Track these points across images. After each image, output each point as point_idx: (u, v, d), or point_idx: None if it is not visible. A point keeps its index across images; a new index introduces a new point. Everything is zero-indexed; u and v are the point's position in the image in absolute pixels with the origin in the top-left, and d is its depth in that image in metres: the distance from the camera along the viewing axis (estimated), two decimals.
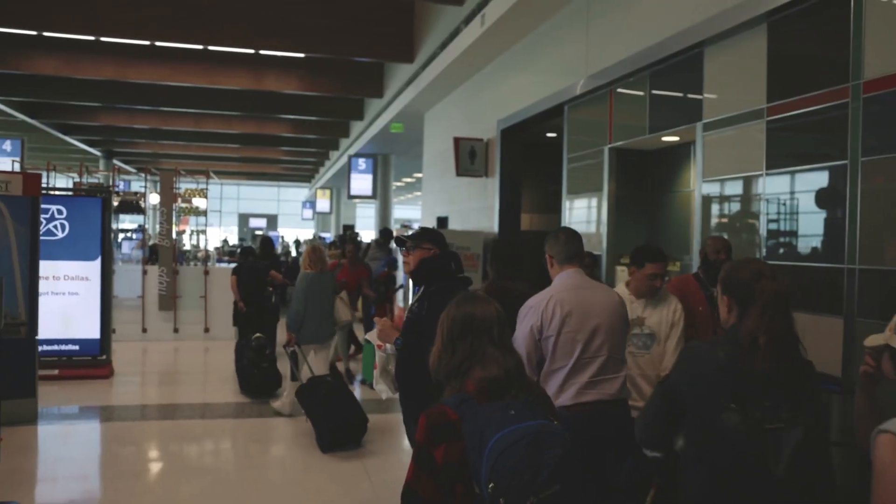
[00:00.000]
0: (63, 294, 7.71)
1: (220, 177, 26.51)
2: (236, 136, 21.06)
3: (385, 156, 17.77)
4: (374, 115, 14.66)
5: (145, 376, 8.69)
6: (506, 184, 8.35)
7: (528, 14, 6.91)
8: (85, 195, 8.52)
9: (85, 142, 22.33)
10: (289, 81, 13.38)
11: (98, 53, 12.47)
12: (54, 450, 5.71)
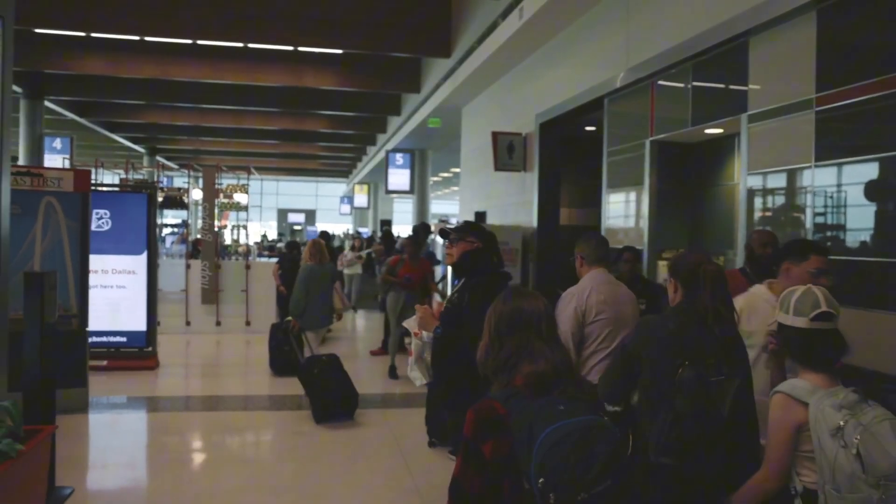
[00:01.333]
0: (111, 287, 7.91)
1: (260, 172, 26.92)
2: (275, 132, 21.35)
3: (422, 151, 17.81)
4: (412, 111, 14.70)
5: (189, 368, 8.87)
6: (544, 178, 8.30)
7: (566, 7, 6.85)
8: (131, 191, 8.73)
9: (130, 139, 22.87)
10: (327, 77, 13.51)
11: (142, 53, 12.77)
12: (104, 438, 5.88)
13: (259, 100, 15.88)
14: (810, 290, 2.18)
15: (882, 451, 1.84)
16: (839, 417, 1.92)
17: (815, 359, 2.15)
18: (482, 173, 10.68)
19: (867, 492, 1.84)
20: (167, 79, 13.96)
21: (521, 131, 8.88)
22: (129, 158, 14.34)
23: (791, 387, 2.13)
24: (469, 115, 12.08)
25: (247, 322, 10.40)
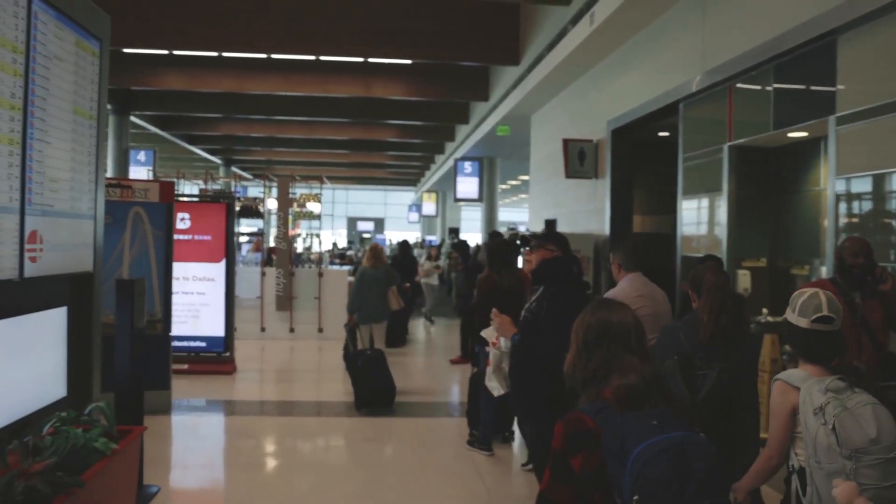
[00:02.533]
0: (192, 294, 8.21)
1: (331, 181, 27.47)
2: (345, 141, 21.74)
3: (491, 159, 17.79)
4: (480, 119, 14.71)
5: (264, 373, 9.11)
6: (617, 185, 8.15)
7: (639, 10, 6.73)
8: (210, 201, 9.05)
9: (207, 151, 23.73)
10: (396, 87, 13.68)
11: (220, 68, 13.24)
12: (185, 439, 6.10)
13: (330, 110, 16.21)
14: (816, 294, 2.41)
15: (857, 427, 2.10)
16: (823, 399, 2.18)
17: (812, 354, 2.39)
18: (552, 181, 10.58)
19: (842, 462, 2.11)
20: (243, 92, 14.44)
21: (593, 138, 8.76)
22: (207, 169, 14.88)
23: (787, 375, 2.41)
24: (538, 123, 12.01)
25: (319, 329, 10.60)
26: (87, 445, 2.78)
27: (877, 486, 2.05)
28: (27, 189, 3.02)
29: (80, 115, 3.53)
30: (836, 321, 2.37)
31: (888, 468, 2.07)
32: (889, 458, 2.07)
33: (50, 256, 3.26)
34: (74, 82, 3.46)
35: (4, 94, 2.82)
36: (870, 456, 2.07)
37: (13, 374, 3.06)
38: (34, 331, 3.26)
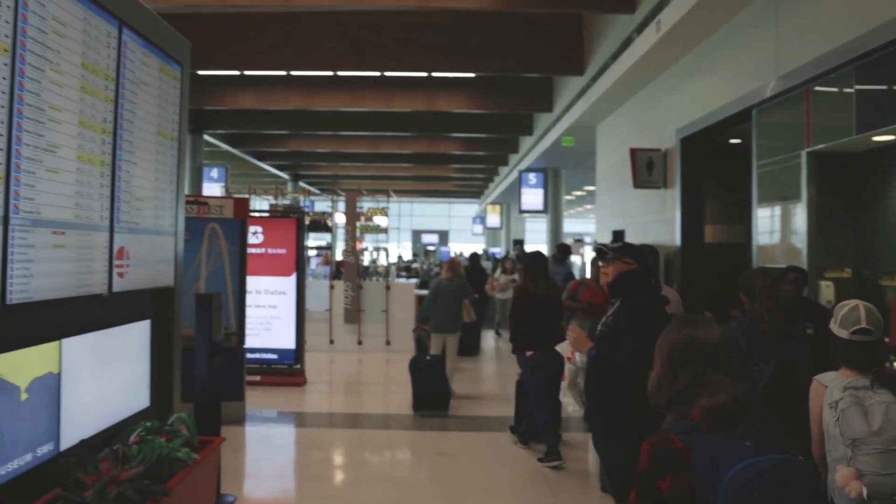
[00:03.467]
0: (264, 307, 8.43)
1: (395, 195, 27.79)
2: (409, 155, 21.99)
3: (555, 170, 17.66)
4: (544, 130, 14.64)
5: (333, 385, 9.25)
6: (687, 194, 7.95)
7: (707, 16, 6.57)
8: (281, 216, 9.29)
9: (276, 166, 24.38)
10: (459, 101, 13.77)
11: (288, 86, 13.62)
12: (259, 450, 6.24)
13: (394, 125, 16.44)
14: (857, 307, 2.56)
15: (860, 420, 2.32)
16: (839, 395, 2.42)
17: (852, 363, 2.57)
18: (619, 191, 10.41)
19: (843, 450, 2.36)
20: (310, 109, 14.80)
21: (661, 147, 8.58)
22: (277, 185, 15.30)
23: (822, 376, 2.66)
24: (604, 133, 11.85)
25: (387, 341, 10.71)
26: (170, 455, 2.89)
27: (875, 473, 2.27)
28: (116, 208, 3.17)
29: (163, 137, 3.69)
30: (874, 332, 2.54)
31: (888, 458, 2.28)
32: (890, 449, 2.28)
33: (135, 272, 3.41)
34: (158, 105, 3.62)
35: (97, 119, 2.97)
36: (868, 446, 2.29)
37: (103, 384, 3.20)
38: (121, 343, 3.41)
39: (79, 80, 2.84)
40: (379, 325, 10.73)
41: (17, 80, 2.42)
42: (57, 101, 2.68)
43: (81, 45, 2.85)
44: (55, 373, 2.80)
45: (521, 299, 5.73)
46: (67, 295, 2.82)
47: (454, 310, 7.98)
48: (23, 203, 2.48)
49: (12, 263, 2.43)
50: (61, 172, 2.73)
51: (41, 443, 2.70)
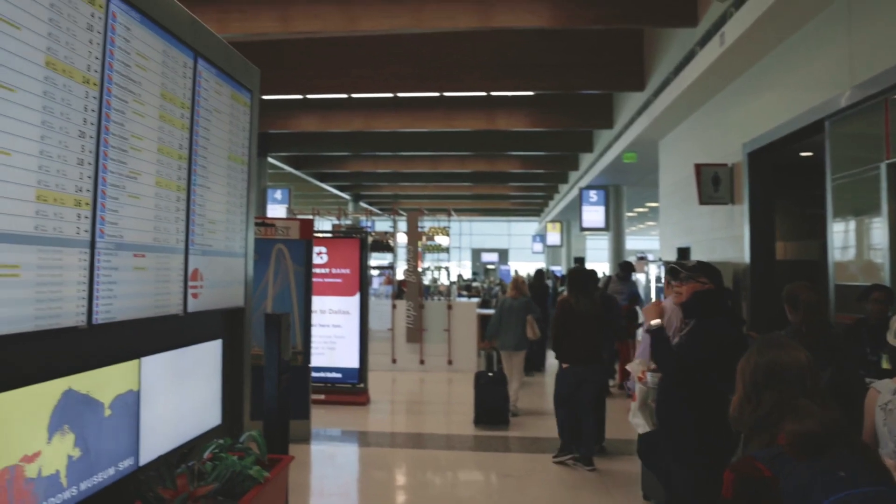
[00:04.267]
0: (328, 326, 8.56)
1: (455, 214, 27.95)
2: (469, 174, 22.10)
3: (616, 187, 17.44)
4: (605, 147, 14.49)
5: (395, 405, 9.29)
6: (756, 210, 7.71)
7: (774, 27, 6.41)
8: (344, 236, 9.45)
9: (337, 187, 24.87)
10: (519, 119, 13.78)
11: (349, 109, 13.92)
12: (324, 468, 6.31)
13: (454, 144, 16.57)
14: None
15: None
16: (890, 398, 2.61)
17: None
18: (683, 207, 10.20)
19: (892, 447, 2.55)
20: (371, 131, 15.08)
21: (727, 162, 8.38)
22: (339, 206, 15.61)
23: (878, 383, 2.80)
24: (666, 148, 11.65)
25: (449, 361, 10.71)
26: (242, 472, 2.95)
27: None
28: (191, 231, 3.28)
29: (234, 161, 3.82)
30: None
31: None
32: None
33: (208, 293, 3.52)
34: (230, 131, 3.74)
35: (174, 146, 3.10)
36: None
37: (178, 402, 3.30)
38: (194, 362, 3.51)
39: (158, 109, 2.97)
40: (441, 344, 10.75)
41: (104, 111, 2.55)
42: (139, 130, 2.81)
43: (161, 76, 2.98)
44: (135, 390, 2.90)
45: (562, 313, 6.09)
46: (146, 315, 2.93)
47: (519, 327, 8.09)
48: (107, 227, 2.60)
49: (98, 285, 2.54)
50: (142, 198, 2.85)
51: (122, 457, 2.79)
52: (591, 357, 6.02)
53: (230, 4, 8.54)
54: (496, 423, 7.50)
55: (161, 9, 2.99)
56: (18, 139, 2.12)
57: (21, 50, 2.13)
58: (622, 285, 9.95)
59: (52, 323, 2.31)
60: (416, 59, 10.85)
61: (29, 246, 2.18)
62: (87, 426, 2.54)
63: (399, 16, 8.57)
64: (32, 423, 2.24)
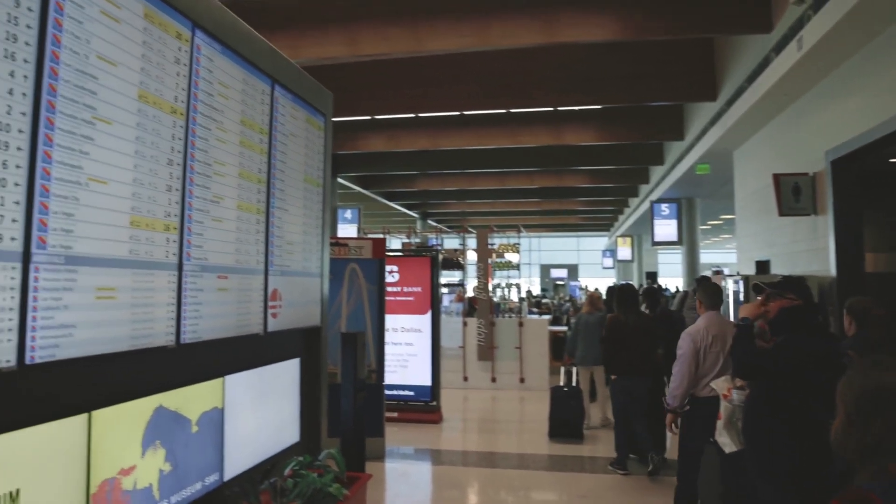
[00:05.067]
0: (400, 344, 8.63)
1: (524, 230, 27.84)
2: (536, 190, 21.98)
3: (689, 199, 17.00)
4: (676, 159, 14.17)
5: (467, 423, 9.25)
6: (842, 220, 7.36)
7: (856, 30, 6.13)
8: (414, 255, 9.53)
9: (405, 205, 25.17)
10: (586, 133, 13.64)
11: (416, 128, 14.10)
12: (398, 486, 6.33)
13: (521, 160, 16.53)
14: None
15: None
16: None
17: None
18: (761, 219, 9.84)
19: None
20: (437, 149, 15.22)
21: (808, 171, 8.05)
22: (409, 225, 15.79)
23: None
24: (742, 159, 11.29)
25: (521, 379, 10.62)
26: (322, 490, 2.99)
27: None
28: (270, 252, 3.38)
29: (309, 184, 3.92)
30: None
31: None
32: None
33: (287, 312, 3.61)
34: (305, 154, 3.85)
35: (253, 170, 3.21)
36: None
37: (259, 419, 3.38)
38: (274, 380, 3.60)
39: (239, 135, 3.08)
40: (512, 362, 10.67)
41: (189, 139, 2.67)
42: (221, 156, 2.92)
43: (241, 103, 3.10)
44: (219, 407, 2.99)
45: (612, 329, 6.52)
46: (229, 335, 3.03)
47: (596, 342, 8.04)
48: (193, 250, 2.71)
49: (185, 306, 2.65)
50: (224, 221, 2.96)
51: (208, 473, 2.88)
52: (638, 369, 6.40)
53: (300, 30, 8.81)
54: (570, 437, 7.60)
55: (241, 39, 3.11)
56: (114, 168, 2.24)
57: (117, 85, 2.26)
58: None
59: (145, 343, 2.42)
60: (481, 76, 10.92)
61: (124, 269, 2.29)
62: (177, 442, 2.64)
63: (465, 35, 8.65)
64: (128, 438, 2.35)
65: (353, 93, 11.08)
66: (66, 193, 2.03)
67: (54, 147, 1.98)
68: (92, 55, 2.14)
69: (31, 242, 1.90)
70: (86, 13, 2.12)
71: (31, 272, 1.90)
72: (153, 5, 2.46)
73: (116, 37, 2.25)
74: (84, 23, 2.11)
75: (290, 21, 8.75)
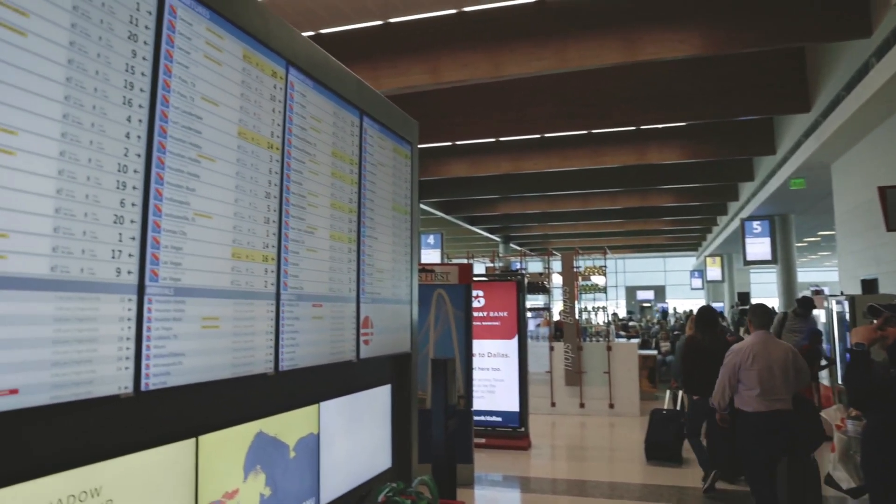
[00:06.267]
0: (487, 370, 8.58)
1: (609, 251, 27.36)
2: (620, 210, 21.61)
3: (783, 216, 16.27)
4: (767, 174, 13.63)
5: (556, 450, 9.06)
6: None
7: None
8: (499, 279, 9.49)
9: (487, 230, 25.22)
10: (671, 151, 13.34)
11: (497, 152, 14.16)
12: None
13: (604, 181, 16.31)
14: None
15: None
16: None
17: None
18: (866, 235, 9.30)
19: None
20: (519, 173, 15.21)
21: None
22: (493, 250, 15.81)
23: None
24: (841, 171, 10.74)
25: (610, 404, 10.35)
26: None
27: None
28: (361, 280, 3.44)
29: (398, 212, 3.98)
30: None
31: None
32: None
33: (378, 339, 3.66)
34: (393, 183, 3.92)
35: (344, 200, 3.29)
36: None
37: (352, 445, 3.43)
38: (367, 406, 3.64)
39: (330, 167, 3.17)
40: (601, 387, 10.42)
41: (285, 172, 2.76)
42: (314, 188, 3.01)
43: (332, 136, 3.20)
44: (315, 433, 3.05)
45: (689, 349, 6.63)
46: (324, 362, 3.09)
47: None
48: (290, 280, 2.79)
49: (283, 334, 2.72)
50: (318, 251, 3.04)
51: (305, 498, 2.93)
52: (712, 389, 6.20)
53: (382, 61, 9.05)
54: (667, 460, 7.47)
55: (331, 74, 3.21)
56: (218, 203, 2.34)
57: (219, 124, 2.37)
58: (800, 323, 9.15)
59: (246, 370, 2.50)
60: (561, 97, 10.87)
61: (226, 300, 2.38)
62: (276, 467, 2.70)
63: (544, 58, 8.65)
64: (232, 462, 2.42)
65: (433, 119, 11.25)
66: (175, 228, 2.13)
67: (165, 185, 2.09)
68: (197, 97, 2.26)
69: (145, 276, 2.00)
70: (191, 58, 2.24)
71: (146, 304, 2.00)
72: (251, 47, 2.58)
73: (218, 78, 2.37)
74: (190, 67, 2.23)
75: (371, 52, 9.01)
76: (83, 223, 1.79)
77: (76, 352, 1.77)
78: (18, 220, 1.61)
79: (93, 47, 1.85)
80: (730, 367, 4.82)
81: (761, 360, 4.67)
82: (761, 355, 4.69)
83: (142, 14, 2.03)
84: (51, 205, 1.70)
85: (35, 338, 1.65)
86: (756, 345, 4.77)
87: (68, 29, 1.78)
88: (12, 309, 1.59)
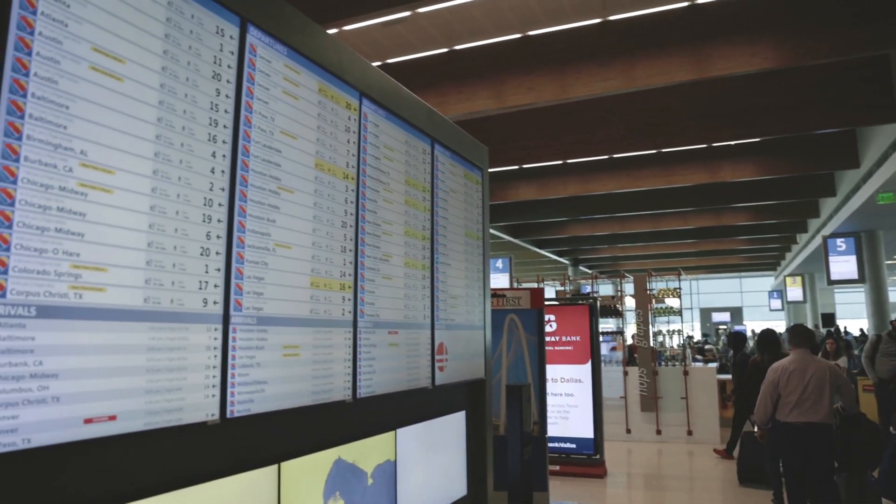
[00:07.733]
0: (560, 395, 8.44)
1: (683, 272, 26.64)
2: (692, 230, 21.05)
3: (870, 232, 15.49)
4: (851, 189, 13.03)
5: (632, 478, 8.80)
6: None
7: None
8: (570, 303, 9.36)
9: (555, 253, 24.98)
10: (745, 169, 12.94)
11: (565, 174, 14.05)
12: None
13: (675, 201, 15.94)
14: None
15: None
16: None
17: None
18: None
19: None
20: (587, 194, 15.04)
21: None
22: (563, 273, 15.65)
23: None
24: None
25: (688, 431, 9.99)
26: None
27: None
28: (435, 306, 3.45)
29: (470, 238, 3.99)
30: None
31: None
32: None
33: (452, 365, 3.65)
34: (465, 209, 3.94)
35: (418, 228, 3.32)
36: None
37: (429, 472, 3.41)
38: (442, 433, 3.63)
39: (403, 195, 3.21)
40: (678, 413, 10.08)
41: (360, 201, 2.81)
42: (388, 216, 3.05)
43: (405, 164, 3.24)
44: (392, 460, 3.05)
45: (752, 373, 6.83)
46: (400, 388, 3.10)
47: None
48: (366, 307, 2.82)
49: (360, 361, 2.75)
50: (393, 278, 3.07)
51: None
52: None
53: (448, 87, 9.16)
54: (761, 483, 7.29)
55: (403, 104, 3.27)
56: (297, 234, 2.40)
57: (297, 156, 2.44)
58: (895, 345, 8.65)
59: (325, 397, 2.53)
60: (628, 117, 10.72)
61: (306, 328, 2.43)
62: (354, 493, 2.71)
63: (610, 78, 8.57)
64: (312, 489, 2.45)
65: (500, 143, 11.28)
66: (257, 259, 2.19)
67: (247, 217, 2.16)
68: (276, 131, 2.33)
69: (230, 305, 2.06)
70: (271, 94, 2.32)
71: (230, 333, 2.06)
72: (326, 80, 2.65)
73: (296, 112, 2.44)
74: (269, 103, 2.31)
75: (437, 79, 9.13)
76: (173, 256, 1.87)
77: (167, 380, 1.83)
78: (115, 254, 1.69)
79: (181, 88, 1.94)
80: (769, 384, 5.17)
81: (797, 376, 5.02)
82: (798, 371, 5.04)
83: (225, 54, 2.12)
84: (144, 239, 1.78)
85: (130, 366, 1.72)
86: (794, 362, 5.12)
87: (159, 73, 1.87)
88: (111, 339, 1.67)
